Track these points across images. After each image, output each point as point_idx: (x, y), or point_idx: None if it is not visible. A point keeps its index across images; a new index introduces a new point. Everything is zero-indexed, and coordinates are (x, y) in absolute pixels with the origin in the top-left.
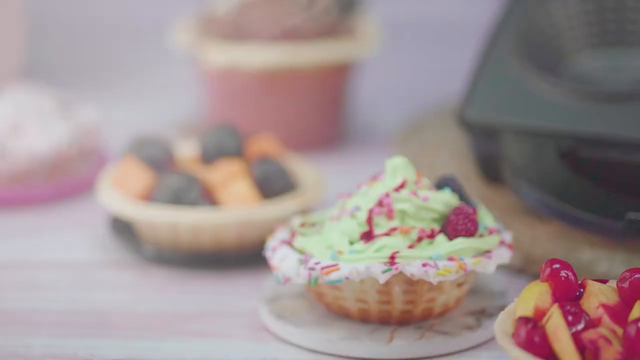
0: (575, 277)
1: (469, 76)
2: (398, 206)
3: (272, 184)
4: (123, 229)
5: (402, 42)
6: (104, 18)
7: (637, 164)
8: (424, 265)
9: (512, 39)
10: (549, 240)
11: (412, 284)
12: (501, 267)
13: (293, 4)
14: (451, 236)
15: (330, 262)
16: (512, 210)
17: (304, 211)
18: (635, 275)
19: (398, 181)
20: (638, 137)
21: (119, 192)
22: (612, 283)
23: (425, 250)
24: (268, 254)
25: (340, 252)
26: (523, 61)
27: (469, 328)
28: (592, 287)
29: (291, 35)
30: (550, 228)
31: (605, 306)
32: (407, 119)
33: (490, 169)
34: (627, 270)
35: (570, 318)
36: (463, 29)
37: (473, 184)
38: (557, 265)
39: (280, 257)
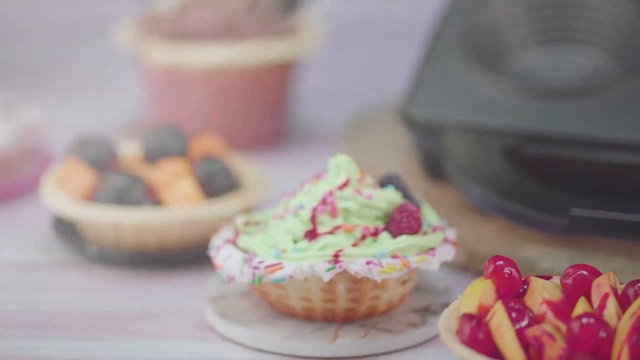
0: (519, 274)
1: (413, 74)
2: (342, 204)
3: (215, 183)
4: (67, 230)
5: (345, 40)
6: (46, 17)
7: (581, 160)
8: (368, 263)
9: (455, 36)
10: (492, 237)
11: (356, 282)
12: (445, 265)
13: (236, 2)
14: (395, 234)
15: (274, 261)
16: (456, 207)
17: (248, 210)
18: (579, 272)
19: (341, 179)
20: (581, 134)
21: (62, 193)
22: (556, 279)
23: (369, 248)
24: (212, 253)
25: (284, 251)
26: (467, 58)
27: (413, 325)
28: (536, 283)
29: (234, 34)
30: (494, 225)
31: (548, 302)
32: (350, 117)
33: (435, 167)
34: (570, 267)
35: (514, 315)
36: (407, 26)
37: (417, 182)
38: (501, 262)
39: (225, 256)
